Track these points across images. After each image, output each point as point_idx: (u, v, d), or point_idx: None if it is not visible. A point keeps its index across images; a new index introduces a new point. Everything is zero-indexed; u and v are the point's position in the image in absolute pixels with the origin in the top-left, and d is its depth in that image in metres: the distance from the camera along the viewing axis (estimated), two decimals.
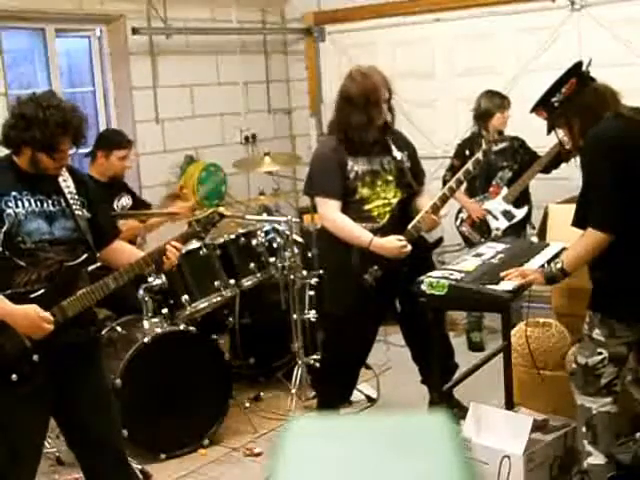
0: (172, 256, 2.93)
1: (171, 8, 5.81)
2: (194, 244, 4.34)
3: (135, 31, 5.57)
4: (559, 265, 3.05)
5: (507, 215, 5.13)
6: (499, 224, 5.13)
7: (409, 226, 3.71)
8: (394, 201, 3.78)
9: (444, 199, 3.70)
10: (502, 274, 3.16)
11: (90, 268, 3.28)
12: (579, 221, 2.98)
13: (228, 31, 6.33)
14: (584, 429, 3.12)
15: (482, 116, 5.08)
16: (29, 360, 2.69)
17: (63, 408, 2.87)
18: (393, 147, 3.83)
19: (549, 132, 3.13)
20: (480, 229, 5.18)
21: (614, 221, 2.90)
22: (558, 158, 4.77)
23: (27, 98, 2.74)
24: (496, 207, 5.15)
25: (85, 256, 2.83)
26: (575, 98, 3.02)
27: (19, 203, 2.73)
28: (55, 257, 2.75)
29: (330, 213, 3.74)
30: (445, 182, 4.87)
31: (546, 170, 5.04)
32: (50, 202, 2.80)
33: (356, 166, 3.73)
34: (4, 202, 2.72)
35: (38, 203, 2.77)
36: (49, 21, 5.28)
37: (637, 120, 3.00)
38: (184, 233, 3.07)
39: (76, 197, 2.84)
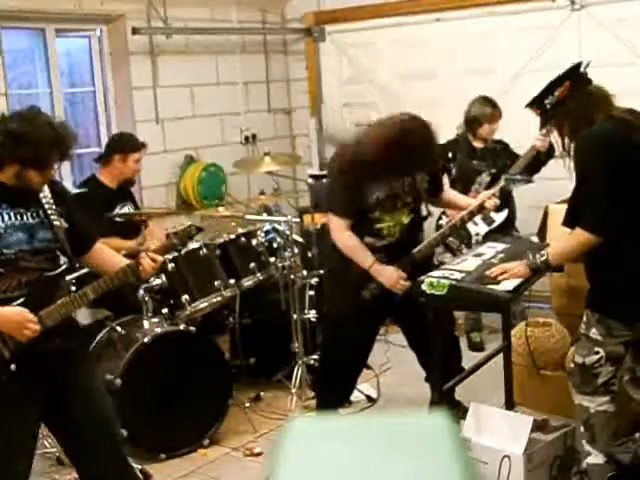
0: (147, 267, 2.91)
1: (171, 8, 5.81)
2: (194, 244, 4.35)
3: (135, 31, 5.57)
4: (544, 257, 3.09)
5: (487, 220, 5.02)
6: (479, 229, 5.05)
7: (414, 250, 3.77)
8: (405, 222, 3.82)
9: (453, 228, 3.91)
10: (486, 273, 3.18)
11: (79, 274, 3.30)
12: (570, 222, 2.99)
13: (228, 31, 6.33)
14: (582, 428, 3.12)
15: (471, 122, 5.04)
16: (6, 369, 2.69)
17: (54, 413, 2.85)
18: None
19: (542, 128, 3.18)
20: (460, 235, 5.05)
21: (605, 224, 2.90)
22: (537, 161, 4.70)
23: (13, 115, 2.73)
24: None
25: (64, 266, 2.84)
26: (567, 102, 3.02)
27: None
28: (35, 266, 2.75)
29: (339, 229, 3.81)
30: None
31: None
32: (29, 214, 2.78)
33: (377, 192, 3.76)
34: None
35: (18, 216, 2.76)
36: (49, 21, 5.28)
37: (629, 121, 3.00)
38: (161, 245, 3.13)
39: (54, 207, 2.83)
